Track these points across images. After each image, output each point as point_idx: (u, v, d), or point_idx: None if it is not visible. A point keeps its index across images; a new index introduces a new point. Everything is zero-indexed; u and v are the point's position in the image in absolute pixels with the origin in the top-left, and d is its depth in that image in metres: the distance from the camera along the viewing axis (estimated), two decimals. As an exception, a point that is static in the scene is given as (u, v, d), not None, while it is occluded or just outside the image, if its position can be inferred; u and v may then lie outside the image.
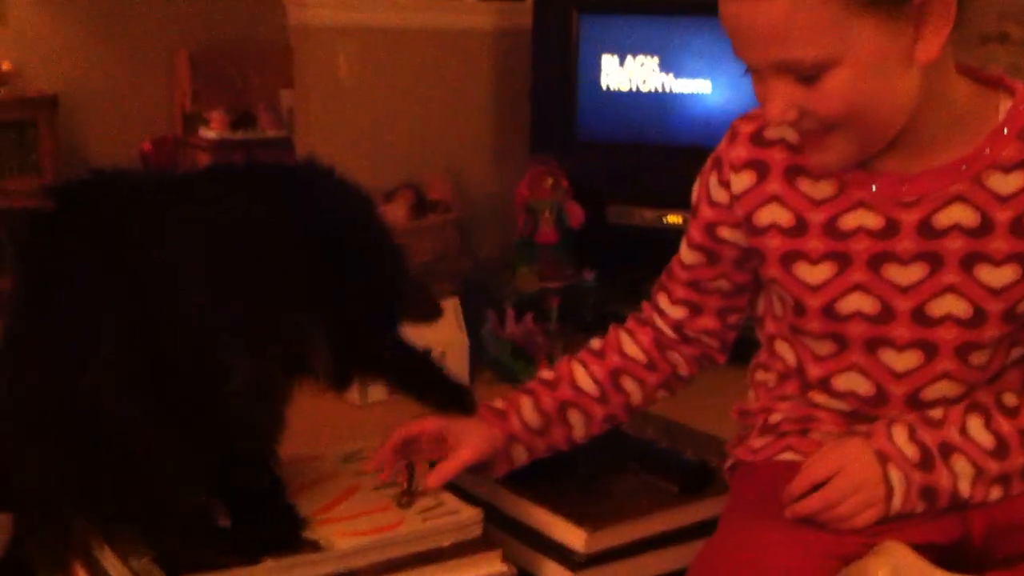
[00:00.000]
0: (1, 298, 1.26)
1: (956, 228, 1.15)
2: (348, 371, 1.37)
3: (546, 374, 1.40)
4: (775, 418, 1.30)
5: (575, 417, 1.37)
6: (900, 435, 1.17)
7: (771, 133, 1.23)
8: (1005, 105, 1.16)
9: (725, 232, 1.28)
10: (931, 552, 1.13)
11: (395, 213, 3.73)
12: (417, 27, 4.03)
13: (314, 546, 1.24)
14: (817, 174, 1.20)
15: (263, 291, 1.20)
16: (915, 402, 1.20)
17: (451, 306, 3.18)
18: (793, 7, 1.03)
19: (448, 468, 1.33)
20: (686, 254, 1.33)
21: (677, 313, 1.35)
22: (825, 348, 1.23)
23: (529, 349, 3.35)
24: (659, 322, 1.38)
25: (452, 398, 1.39)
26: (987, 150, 1.14)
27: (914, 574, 1.10)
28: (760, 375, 1.34)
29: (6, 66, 4.55)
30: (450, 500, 1.36)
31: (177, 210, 1.23)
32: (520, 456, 1.37)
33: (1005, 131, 1.14)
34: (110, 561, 1.21)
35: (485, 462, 1.35)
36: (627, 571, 1.35)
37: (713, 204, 1.28)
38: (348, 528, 1.28)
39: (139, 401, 1.16)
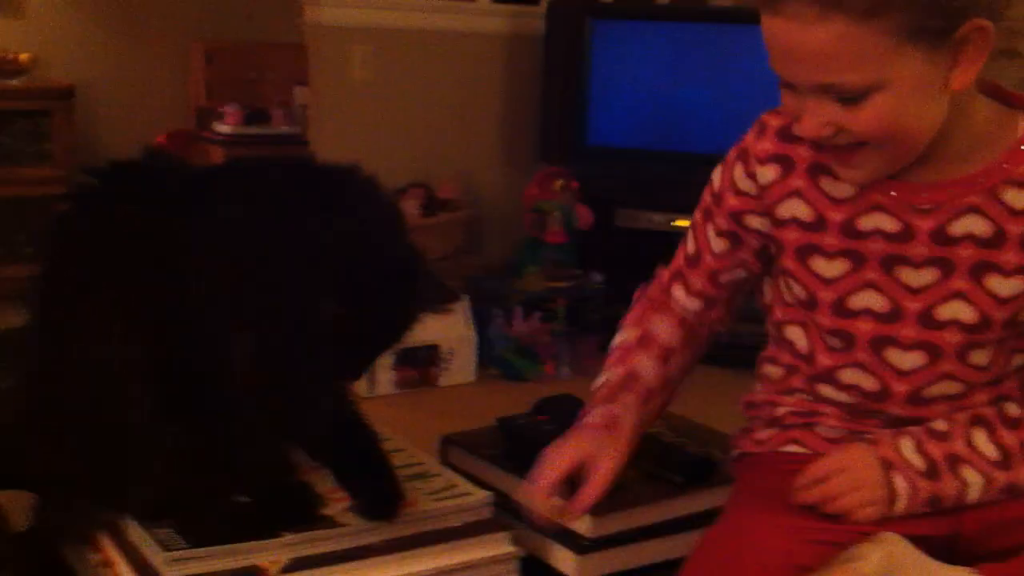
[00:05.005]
0: (18, 285, 1.28)
1: (969, 238, 1.18)
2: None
3: (612, 376, 1.33)
4: (780, 411, 1.33)
5: (655, 406, 1.34)
6: (907, 447, 1.20)
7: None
8: None
9: (753, 220, 1.29)
10: (921, 544, 1.16)
11: (406, 211, 3.76)
12: (431, 28, 4.06)
13: (329, 522, 1.28)
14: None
15: (283, 287, 1.20)
16: (917, 399, 1.23)
17: (459, 305, 3.21)
18: (844, 35, 1.04)
19: (595, 489, 1.24)
20: (715, 241, 1.33)
21: (692, 305, 1.36)
22: (833, 343, 1.26)
23: (535, 348, 3.38)
24: (683, 301, 1.37)
25: (372, 491, 1.31)
26: (1004, 165, 1.17)
27: (909, 563, 1.14)
28: (767, 368, 1.37)
29: (23, 57, 4.59)
30: (461, 483, 1.40)
31: (207, 206, 1.23)
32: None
33: (1023, 147, 1.17)
34: (134, 532, 1.24)
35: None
36: (630, 556, 1.39)
37: (739, 193, 1.29)
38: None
39: (160, 393, 1.20)
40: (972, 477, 1.20)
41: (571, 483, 1.24)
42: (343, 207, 1.25)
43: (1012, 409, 1.24)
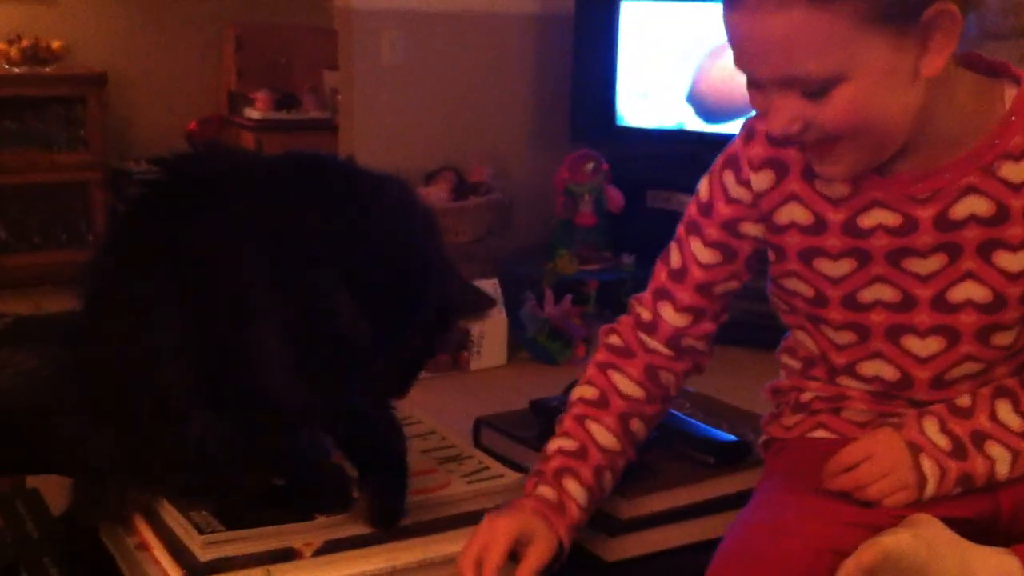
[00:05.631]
0: (55, 270, 1.29)
1: (972, 219, 1.16)
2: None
3: (567, 443, 1.30)
4: (806, 396, 1.33)
5: (607, 479, 1.31)
6: (931, 427, 1.20)
7: None
8: (1011, 93, 1.15)
9: (748, 228, 1.27)
10: (957, 526, 1.15)
11: (436, 195, 3.77)
12: (460, 11, 4.07)
13: (364, 505, 1.29)
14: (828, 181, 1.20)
15: (315, 295, 1.20)
16: (940, 383, 1.22)
17: (490, 287, 3.22)
18: (803, 22, 1.03)
19: (531, 568, 1.22)
20: (702, 252, 1.30)
21: (681, 321, 1.32)
22: (846, 338, 1.25)
23: (567, 331, 3.39)
24: (650, 343, 1.33)
25: (379, 498, 1.28)
26: (997, 140, 1.14)
27: (942, 545, 1.13)
28: (786, 358, 1.36)
29: (56, 44, 4.63)
30: (494, 465, 1.41)
31: (250, 207, 1.23)
32: (569, 543, 1.27)
33: (1013, 119, 1.14)
34: (171, 515, 1.25)
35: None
36: (662, 538, 1.39)
37: (732, 202, 1.27)
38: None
39: (200, 380, 1.20)
40: (998, 452, 1.19)
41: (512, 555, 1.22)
42: (379, 216, 1.25)
43: None
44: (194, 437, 1.21)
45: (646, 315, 1.34)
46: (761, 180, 1.24)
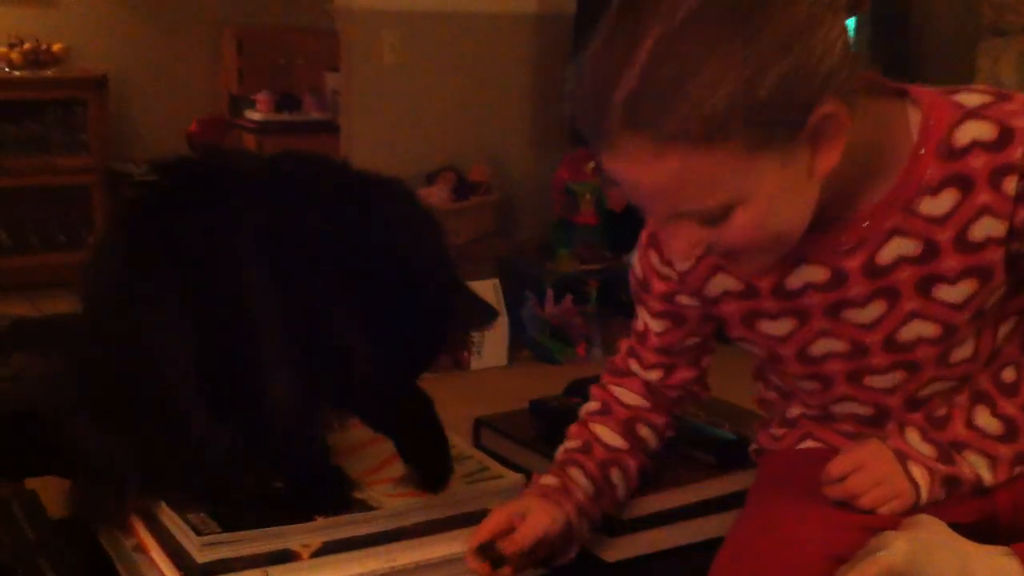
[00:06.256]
0: (55, 273, 1.29)
1: (901, 260, 1.13)
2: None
3: (572, 443, 1.33)
4: (793, 412, 1.33)
5: (616, 475, 1.32)
6: (913, 437, 1.19)
7: None
8: (915, 119, 1.11)
9: (684, 299, 1.27)
10: (958, 532, 1.14)
11: (437, 195, 3.77)
12: (461, 12, 4.06)
13: (363, 506, 1.28)
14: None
15: (316, 302, 1.20)
16: (914, 403, 1.21)
17: (491, 287, 3.22)
18: (685, 167, 0.97)
19: (524, 536, 1.22)
20: (652, 323, 1.31)
21: (653, 375, 1.34)
22: (811, 386, 1.24)
23: (567, 330, 3.38)
24: (642, 375, 1.36)
25: (426, 464, 1.33)
26: (910, 177, 1.10)
27: (940, 545, 1.11)
28: (763, 388, 1.37)
29: (56, 47, 4.63)
30: (495, 466, 1.40)
31: (252, 211, 1.23)
32: (584, 530, 1.30)
33: (923, 151, 1.10)
34: (168, 517, 1.25)
35: (555, 541, 1.26)
36: (664, 537, 1.38)
37: (664, 278, 1.26)
38: (396, 489, 1.32)
39: (204, 389, 1.20)
40: (976, 459, 1.18)
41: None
42: (383, 222, 1.25)
43: (1008, 374, 1.20)
44: (195, 439, 1.20)
45: (627, 363, 1.37)
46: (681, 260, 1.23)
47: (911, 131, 1.11)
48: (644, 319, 1.32)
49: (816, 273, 1.16)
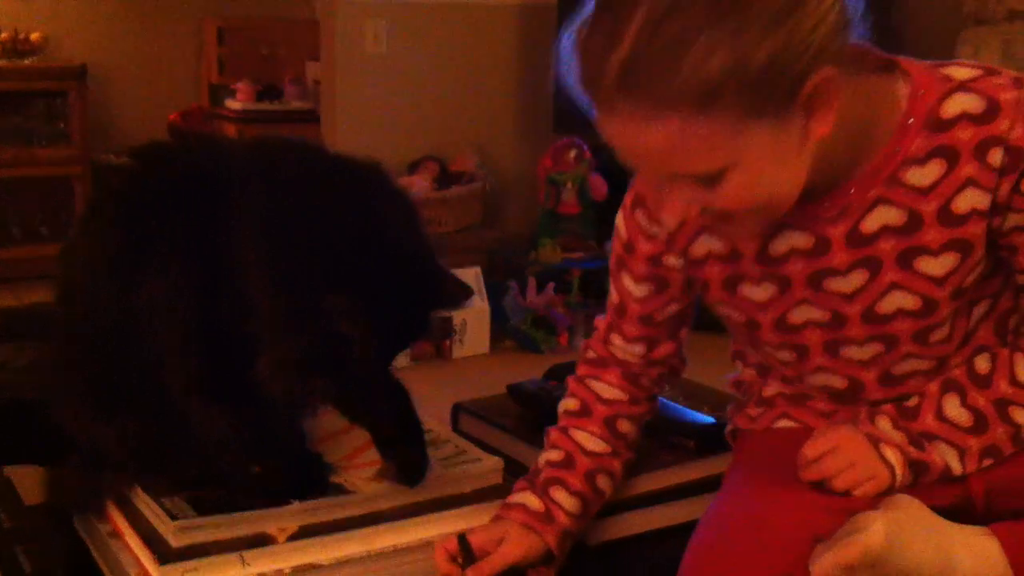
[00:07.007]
0: (37, 265, 1.28)
1: (884, 230, 1.13)
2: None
3: (553, 454, 1.32)
4: (769, 391, 1.33)
5: (603, 481, 1.32)
6: (884, 424, 1.19)
7: None
8: (904, 91, 1.12)
9: (669, 259, 1.26)
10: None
11: (419, 184, 3.76)
12: (444, 1, 4.05)
13: (339, 490, 1.28)
14: None
15: (309, 276, 1.20)
16: (889, 379, 1.21)
17: (473, 276, 3.21)
18: (681, 129, 0.98)
19: (492, 565, 1.23)
20: (635, 288, 1.30)
21: (636, 349, 1.33)
22: (786, 356, 1.24)
23: (550, 320, 3.38)
24: (621, 355, 1.35)
25: (402, 457, 1.33)
26: (898, 147, 1.11)
27: (917, 525, 1.12)
28: (740, 365, 1.37)
29: (36, 36, 4.59)
30: (472, 449, 1.40)
31: (233, 195, 1.23)
32: (568, 546, 1.29)
33: (911, 122, 1.11)
34: (143, 501, 1.24)
35: (532, 564, 1.27)
36: (643, 520, 1.39)
37: (651, 238, 1.26)
38: (372, 473, 1.32)
39: (191, 373, 1.20)
40: (944, 450, 1.18)
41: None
42: (360, 203, 1.24)
43: (982, 364, 1.20)
44: (193, 426, 1.21)
45: (603, 339, 1.36)
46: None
47: (900, 102, 1.11)
48: (625, 287, 1.31)
49: (800, 239, 1.16)
